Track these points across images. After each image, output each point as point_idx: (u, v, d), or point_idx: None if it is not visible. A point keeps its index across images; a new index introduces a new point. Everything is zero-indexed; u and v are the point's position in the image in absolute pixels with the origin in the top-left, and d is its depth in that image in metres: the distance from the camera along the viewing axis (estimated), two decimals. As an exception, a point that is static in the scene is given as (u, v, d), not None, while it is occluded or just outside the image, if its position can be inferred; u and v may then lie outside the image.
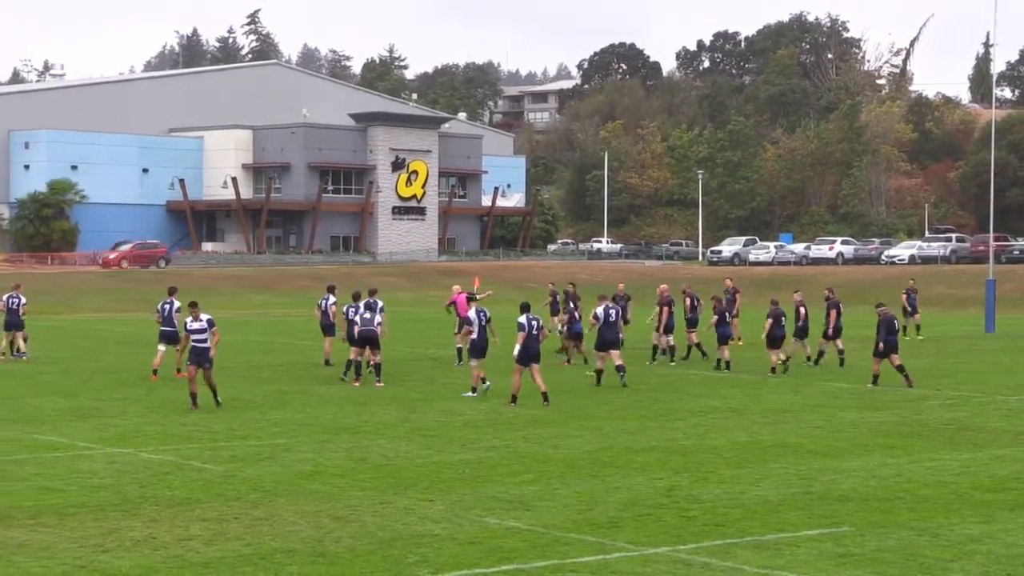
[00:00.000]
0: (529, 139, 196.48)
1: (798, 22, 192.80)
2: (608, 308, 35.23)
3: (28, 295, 44.61)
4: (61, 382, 36.20)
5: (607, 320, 34.98)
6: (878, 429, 27.57)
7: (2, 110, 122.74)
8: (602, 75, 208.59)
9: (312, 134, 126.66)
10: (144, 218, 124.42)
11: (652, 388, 35.16)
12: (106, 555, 16.12)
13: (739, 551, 16.47)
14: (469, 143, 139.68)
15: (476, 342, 32.78)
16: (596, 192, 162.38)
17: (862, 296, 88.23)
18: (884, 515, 18.71)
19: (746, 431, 27.09)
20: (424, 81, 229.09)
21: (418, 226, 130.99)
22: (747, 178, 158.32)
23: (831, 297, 41.95)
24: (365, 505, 19.15)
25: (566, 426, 27.62)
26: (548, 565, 15.73)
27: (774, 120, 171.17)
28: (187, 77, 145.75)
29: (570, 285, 44.69)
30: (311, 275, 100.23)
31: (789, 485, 20.96)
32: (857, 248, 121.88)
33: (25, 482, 20.93)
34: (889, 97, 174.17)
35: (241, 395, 33.09)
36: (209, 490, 20.31)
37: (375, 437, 25.93)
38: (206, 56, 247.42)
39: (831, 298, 41.85)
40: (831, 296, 42.04)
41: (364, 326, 34.99)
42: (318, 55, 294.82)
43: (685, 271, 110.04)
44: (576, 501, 19.56)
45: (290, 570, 15.45)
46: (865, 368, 38.20)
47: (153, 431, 26.62)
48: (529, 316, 31.05)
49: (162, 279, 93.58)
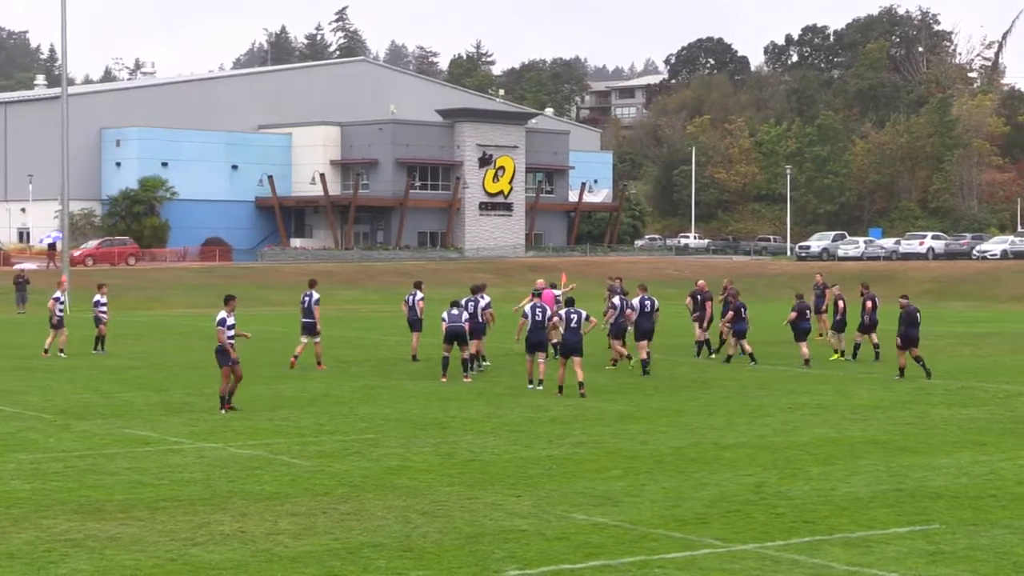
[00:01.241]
0: (616, 134, 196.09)
1: (888, 15, 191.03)
2: (644, 299, 36.76)
3: (119, 291, 45.01)
4: (152, 377, 36.55)
5: (643, 311, 36.53)
6: (969, 426, 27.28)
7: (94, 108, 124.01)
8: (689, 70, 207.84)
9: (399, 130, 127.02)
10: (233, 214, 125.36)
11: (741, 384, 34.99)
12: (196, 549, 16.25)
13: (828, 548, 16.36)
14: (556, 139, 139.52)
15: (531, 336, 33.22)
16: (683, 187, 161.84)
17: (953, 292, 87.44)
18: (976, 513, 18.51)
19: (835, 427, 26.89)
20: (511, 77, 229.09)
21: (505, 222, 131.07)
22: (836, 173, 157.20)
23: (866, 291, 41.80)
24: (452, 500, 19.18)
25: (654, 422, 27.55)
26: (635, 561, 15.69)
27: (863, 114, 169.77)
28: (276, 74, 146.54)
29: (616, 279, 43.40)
30: (398, 271, 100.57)
31: (879, 482, 20.79)
32: (948, 243, 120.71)
33: (117, 476, 21.15)
34: (981, 90, 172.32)
35: (330, 390, 33.27)
36: (298, 485, 20.42)
37: (462, 432, 25.98)
38: (294, 53, 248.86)
39: (866, 292, 41.72)
40: (866, 291, 41.90)
41: (451, 323, 35.06)
42: (405, 52, 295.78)
43: (773, 267, 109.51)
44: (663, 497, 19.50)
45: (378, 564, 15.49)
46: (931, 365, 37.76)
47: (242, 426, 26.81)
48: (569, 310, 32.08)
49: (252, 275, 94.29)
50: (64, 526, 17.42)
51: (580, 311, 32.26)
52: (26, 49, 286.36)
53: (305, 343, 38.66)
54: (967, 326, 60.91)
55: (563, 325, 32.42)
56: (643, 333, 36.77)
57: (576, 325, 32.11)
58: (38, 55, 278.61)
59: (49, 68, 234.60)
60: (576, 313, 32.18)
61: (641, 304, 36.91)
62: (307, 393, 32.58)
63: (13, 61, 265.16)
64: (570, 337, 32.15)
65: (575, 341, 32.08)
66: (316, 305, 38.32)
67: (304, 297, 38.74)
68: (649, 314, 36.80)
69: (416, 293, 40.58)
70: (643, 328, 36.72)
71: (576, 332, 32.12)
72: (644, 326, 36.69)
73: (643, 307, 36.86)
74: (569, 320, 32.18)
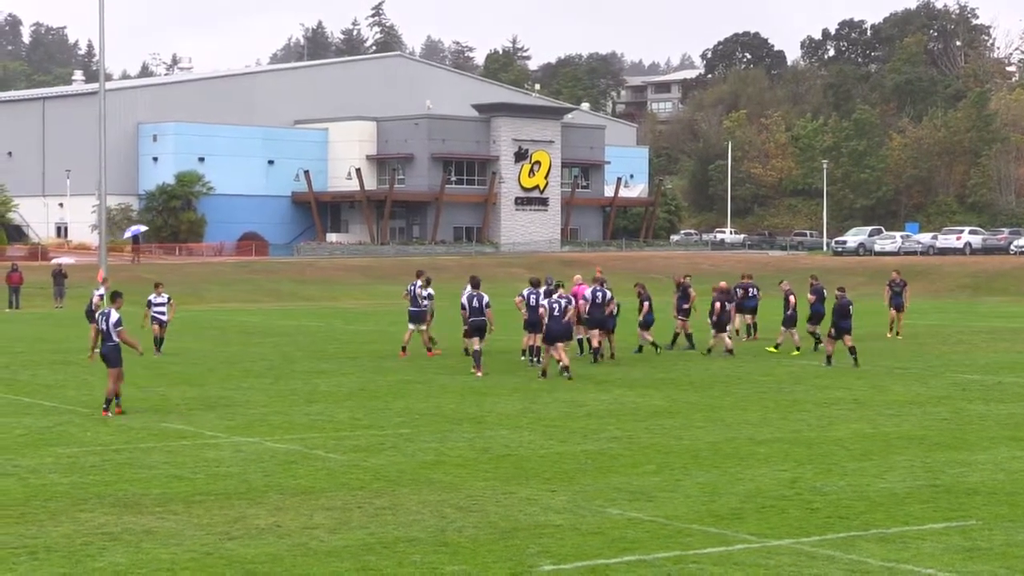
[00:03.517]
0: (652, 129, 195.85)
1: (926, 9, 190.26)
2: (596, 291, 38.08)
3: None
4: (188, 371, 36.69)
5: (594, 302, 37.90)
6: (1007, 421, 27.16)
7: (131, 103, 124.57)
8: (726, 64, 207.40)
9: (435, 125, 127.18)
10: (270, 209, 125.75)
11: (776, 379, 34.93)
12: (232, 543, 16.31)
13: (864, 544, 16.31)
14: (592, 133, 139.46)
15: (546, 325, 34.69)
16: (719, 182, 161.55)
17: (991, 287, 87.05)
18: (1013, 509, 18.43)
19: (870, 423, 26.81)
20: (547, 72, 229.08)
21: (541, 216, 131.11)
22: (873, 167, 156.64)
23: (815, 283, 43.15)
24: (487, 495, 19.20)
25: (689, 417, 27.52)
26: (671, 556, 15.67)
27: (900, 109, 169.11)
28: (312, 69, 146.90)
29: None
30: (434, 266, 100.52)
31: (915, 478, 20.71)
32: (985, 238, 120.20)
33: (153, 470, 21.24)
34: (1019, 84, 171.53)
35: (365, 385, 33.34)
36: (333, 479, 20.47)
37: (497, 427, 25.99)
38: (330, 48, 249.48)
39: (815, 284, 43.07)
40: (815, 282, 43.29)
41: (473, 316, 35.86)
42: (441, 47, 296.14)
43: (807, 261, 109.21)
44: (699, 492, 19.47)
45: (413, 559, 15.52)
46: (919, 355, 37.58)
47: (278, 420, 26.89)
48: (552, 299, 34.42)
49: (288, 270, 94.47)
50: (101, 520, 17.50)
51: (563, 299, 34.46)
52: (64, 45, 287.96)
53: (412, 331, 40.63)
54: (1004, 321, 60.65)
55: (547, 314, 34.20)
56: (594, 323, 38.20)
57: (559, 313, 34.10)
58: (76, 51, 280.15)
59: (87, 64, 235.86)
60: (558, 302, 34.25)
61: (593, 295, 38.00)
62: (343, 388, 32.66)
63: (52, 57, 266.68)
64: (554, 325, 34.06)
65: (559, 328, 34.14)
66: (429, 300, 40.67)
67: (411, 287, 40.58)
68: (600, 305, 38.00)
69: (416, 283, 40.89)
70: (595, 318, 38.06)
71: (559, 320, 34.10)
72: (595, 316, 38.04)
73: (594, 298, 37.95)
74: (552, 309, 34.14)
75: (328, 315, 65.54)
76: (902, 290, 48.99)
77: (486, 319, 35.82)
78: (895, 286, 49.02)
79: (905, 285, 49.45)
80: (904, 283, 49.46)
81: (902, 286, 49.08)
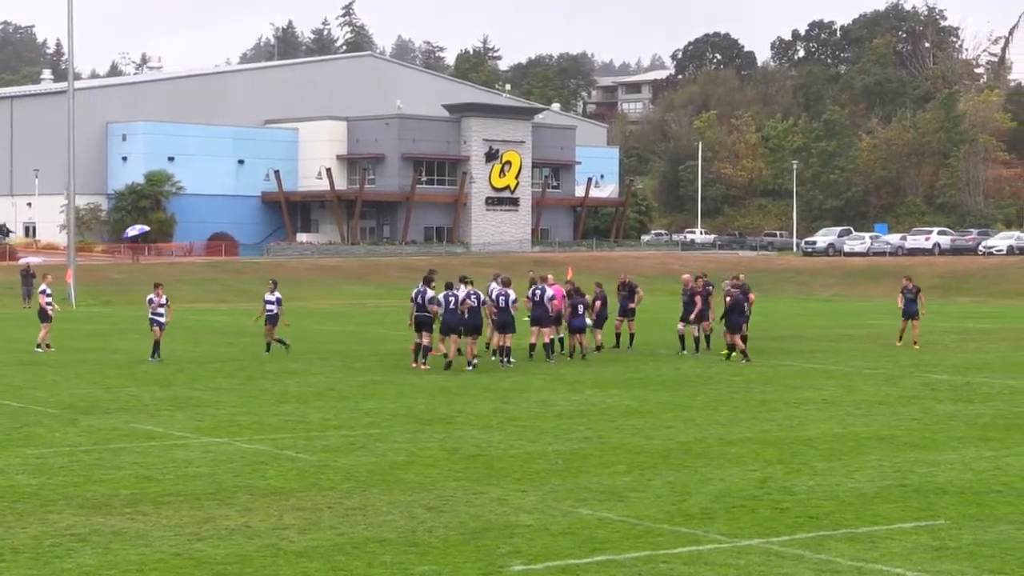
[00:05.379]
0: (622, 130, 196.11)
1: (894, 11, 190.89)
2: (499, 294, 38.43)
3: (125, 285, 44.93)
4: (158, 372, 36.59)
5: (498, 306, 38.55)
6: (975, 422, 27.26)
7: (100, 103, 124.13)
8: (696, 65, 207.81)
9: (406, 125, 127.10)
10: (240, 209, 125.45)
11: (745, 380, 34.99)
12: (201, 543, 16.27)
13: (833, 543, 16.35)
14: (562, 134, 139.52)
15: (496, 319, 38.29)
16: (690, 183, 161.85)
17: (959, 287, 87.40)
18: (981, 508, 18.50)
19: (840, 423, 26.88)
20: (518, 72, 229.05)
21: (511, 217, 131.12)
22: (842, 168, 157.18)
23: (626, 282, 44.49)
24: (458, 495, 19.19)
25: (659, 417, 27.56)
26: (641, 556, 15.69)
27: (870, 110, 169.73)
28: (282, 69, 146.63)
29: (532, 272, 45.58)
30: (404, 266, 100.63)
31: (884, 477, 20.78)
32: (954, 238, 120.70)
33: (123, 471, 21.17)
34: (987, 86, 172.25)
35: (335, 385, 33.30)
36: (303, 480, 20.44)
37: (468, 427, 25.99)
38: (301, 48, 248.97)
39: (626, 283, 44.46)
40: (626, 280, 44.76)
41: (419, 311, 37.30)
42: (412, 46, 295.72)
43: (779, 261, 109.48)
44: (669, 492, 19.50)
45: (383, 559, 15.51)
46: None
47: (247, 421, 26.84)
48: (499, 292, 37.89)
49: (258, 270, 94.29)
50: (69, 521, 17.44)
51: (509, 292, 37.94)
52: (32, 44, 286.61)
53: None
54: (973, 321, 60.92)
55: (443, 307, 36.81)
56: (501, 326, 38.80)
57: (504, 306, 37.82)
58: (44, 50, 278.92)
59: (55, 63, 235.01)
60: (505, 295, 37.85)
61: (496, 299, 38.50)
62: (312, 388, 32.62)
63: (20, 56, 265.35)
64: (450, 317, 36.73)
65: (507, 319, 38.03)
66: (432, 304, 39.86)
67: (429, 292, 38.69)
68: (505, 309, 38.45)
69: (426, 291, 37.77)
70: (501, 321, 38.62)
71: (507, 312, 37.87)
72: (503, 319, 38.58)
73: (498, 302, 38.41)
74: (498, 301, 37.81)
75: (298, 315, 65.42)
76: (915, 297, 45.80)
77: (512, 316, 38.23)
78: (908, 293, 45.84)
79: (919, 291, 46.25)
80: (917, 289, 46.25)
81: (915, 292, 45.85)
